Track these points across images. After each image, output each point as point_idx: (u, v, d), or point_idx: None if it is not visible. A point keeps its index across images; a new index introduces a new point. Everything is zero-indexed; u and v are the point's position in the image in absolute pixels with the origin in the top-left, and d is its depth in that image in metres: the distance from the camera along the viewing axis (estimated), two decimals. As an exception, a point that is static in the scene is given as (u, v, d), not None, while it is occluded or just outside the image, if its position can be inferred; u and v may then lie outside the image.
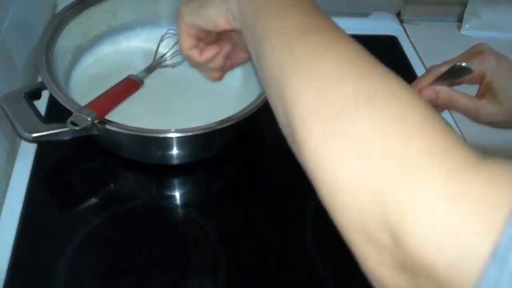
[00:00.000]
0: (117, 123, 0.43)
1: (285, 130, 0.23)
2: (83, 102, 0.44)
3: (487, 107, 0.34)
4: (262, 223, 0.49)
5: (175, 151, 0.49)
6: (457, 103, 0.35)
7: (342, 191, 0.19)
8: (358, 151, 0.18)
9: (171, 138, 0.45)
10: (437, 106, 0.36)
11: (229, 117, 0.45)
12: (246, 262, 0.45)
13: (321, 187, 0.21)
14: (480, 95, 0.35)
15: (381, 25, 0.75)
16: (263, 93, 0.48)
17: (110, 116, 0.45)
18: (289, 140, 0.23)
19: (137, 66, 0.56)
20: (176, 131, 0.44)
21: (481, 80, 0.35)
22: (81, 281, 0.42)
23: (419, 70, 0.69)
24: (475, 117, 0.34)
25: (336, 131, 0.19)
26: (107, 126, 0.43)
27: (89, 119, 0.41)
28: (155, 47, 0.58)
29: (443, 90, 0.35)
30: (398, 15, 0.79)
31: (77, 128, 0.40)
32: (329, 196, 0.21)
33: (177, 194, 0.50)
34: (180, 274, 0.44)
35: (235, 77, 0.57)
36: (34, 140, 0.41)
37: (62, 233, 0.45)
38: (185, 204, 0.49)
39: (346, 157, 0.19)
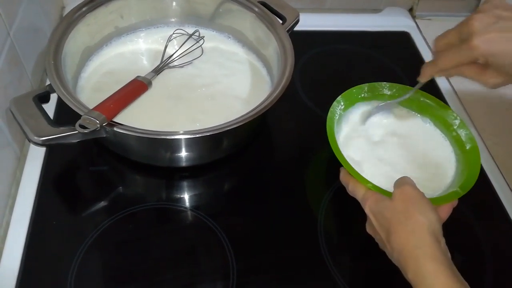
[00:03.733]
0: (126, 126, 0.43)
1: None
2: (91, 104, 0.44)
3: (490, 80, 0.38)
4: (273, 225, 0.48)
5: (183, 153, 0.48)
6: (465, 76, 0.39)
7: None
8: None
9: (179, 140, 0.45)
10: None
11: (237, 118, 0.45)
12: (258, 266, 0.44)
13: None
14: (484, 67, 0.38)
15: (393, 21, 0.74)
16: (271, 94, 0.47)
17: (118, 118, 0.45)
18: None
19: (145, 67, 0.56)
20: (185, 132, 0.43)
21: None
22: (91, 285, 0.42)
23: (432, 66, 0.68)
24: (483, 85, 0.38)
25: None
26: (116, 129, 0.42)
27: (97, 121, 0.41)
28: (162, 48, 0.57)
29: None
30: (411, 10, 0.77)
31: (86, 131, 0.40)
32: None
33: (186, 197, 0.50)
34: (191, 278, 0.43)
35: (244, 79, 0.57)
36: (43, 143, 0.41)
37: (72, 236, 0.45)
38: (195, 206, 0.48)
39: None
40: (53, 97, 0.48)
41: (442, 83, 0.66)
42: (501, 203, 0.52)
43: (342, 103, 0.48)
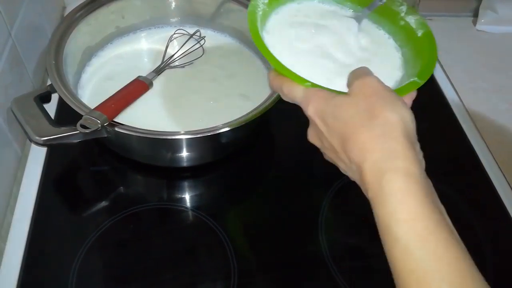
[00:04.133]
0: (127, 126, 0.43)
1: None
2: (92, 104, 0.44)
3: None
4: (274, 225, 0.48)
5: (184, 153, 0.48)
6: None
7: None
8: None
9: (180, 140, 0.45)
10: None
11: (238, 118, 0.45)
12: (259, 266, 0.44)
13: None
14: None
15: (393, 21, 0.74)
16: (272, 94, 0.47)
17: (119, 118, 0.45)
18: None
19: (146, 67, 0.56)
20: (186, 133, 0.43)
21: None
22: (92, 285, 0.42)
23: (433, 66, 0.68)
24: None
25: None
26: (117, 129, 0.42)
27: (99, 121, 0.41)
28: (163, 48, 0.57)
29: None
30: (411, 10, 0.77)
31: (87, 131, 0.40)
32: None
33: (187, 197, 0.50)
34: (192, 278, 0.43)
35: (245, 79, 0.57)
36: (44, 143, 0.41)
37: (73, 237, 0.45)
38: (196, 206, 0.48)
39: None
40: (54, 97, 0.48)
41: (445, 88, 0.66)
42: (502, 203, 0.52)
43: None
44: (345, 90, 0.32)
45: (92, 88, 0.53)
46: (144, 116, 0.50)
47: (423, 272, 0.22)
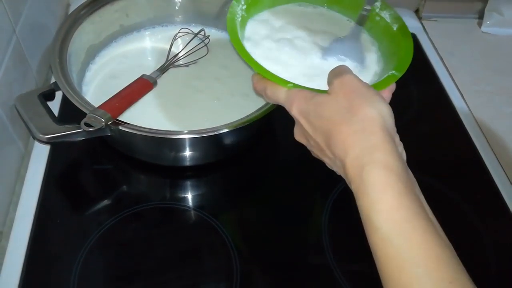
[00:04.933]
0: (131, 124, 0.43)
1: None
2: (96, 102, 0.44)
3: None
4: (277, 226, 0.48)
5: (188, 152, 0.48)
6: None
7: None
8: None
9: (184, 139, 0.45)
10: None
11: (242, 119, 0.44)
12: (262, 267, 0.44)
13: None
14: None
15: (398, 22, 0.73)
16: None
17: (122, 117, 0.45)
18: None
19: (150, 66, 0.56)
20: (189, 132, 0.43)
21: None
22: (94, 283, 0.42)
23: (438, 68, 0.67)
24: None
25: None
26: (121, 127, 0.42)
27: (103, 120, 0.40)
28: (167, 47, 0.57)
29: None
30: (417, 11, 0.77)
31: (91, 129, 0.40)
32: None
33: (190, 196, 0.49)
34: (194, 278, 0.43)
35: (249, 78, 0.56)
36: (48, 141, 0.41)
37: (76, 235, 0.45)
38: (199, 206, 0.48)
39: None
40: (58, 95, 0.48)
41: (454, 97, 0.65)
42: (506, 206, 0.51)
43: (243, 2, 0.40)
44: (325, 88, 0.33)
45: (96, 87, 0.53)
46: (148, 115, 0.49)
47: (402, 259, 0.23)
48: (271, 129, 0.57)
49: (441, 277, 0.22)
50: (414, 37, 0.72)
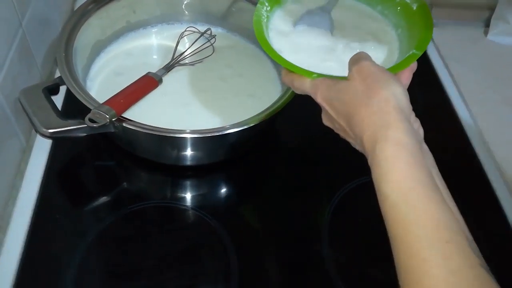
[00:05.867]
0: (135, 122, 0.42)
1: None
2: (99, 97, 0.44)
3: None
4: (277, 229, 0.47)
5: (189, 152, 0.48)
6: None
7: None
8: None
9: (187, 138, 0.45)
10: None
11: (246, 120, 0.44)
12: (260, 269, 0.44)
13: None
14: None
15: (405, 28, 0.73)
16: (280, 98, 0.47)
17: (126, 114, 0.45)
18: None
19: (155, 63, 0.55)
20: (192, 132, 0.43)
21: None
22: (91, 280, 0.42)
23: (443, 74, 0.67)
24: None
25: None
26: (125, 124, 0.42)
27: (107, 116, 0.40)
28: (173, 45, 0.57)
29: None
30: (423, 18, 0.76)
31: (95, 125, 0.40)
32: None
33: (191, 196, 0.49)
34: (192, 279, 0.43)
35: (255, 79, 0.56)
36: (51, 136, 0.41)
37: (74, 231, 0.45)
38: (199, 206, 0.48)
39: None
40: (61, 89, 0.48)
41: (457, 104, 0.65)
42: (504, 214, 0.51)
43: (266, 4, 0.43)
44: (341, 71, 0.36)
45: (100, 82, 0.53)
46: (152, 113, 0.49)
47: (407, 222, 0.26)
48: (273, 131, 0.57)
49: (438, 237, 0.25)
50: (420, 43, 0.72)
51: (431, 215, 0.26)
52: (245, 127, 0.44)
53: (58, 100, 0.53)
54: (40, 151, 0.49)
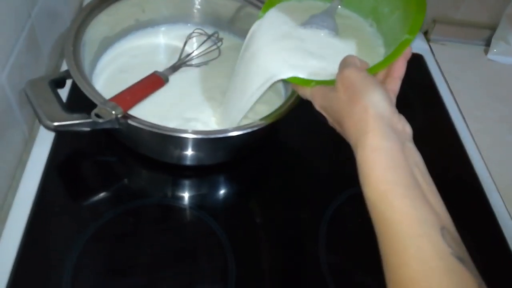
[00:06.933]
0: (140, 119, 0.43)
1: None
2: (104, 93, 0.44)
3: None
4: (275, 232, 0.48)
5: (190, 152, 0.48)
6: None
7: None
8: None
9: (190, 139, 0.45)
10: None
11: (248, 124, 0.45)
12: (257, 272, 0.44)
13: None
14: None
15: (407, 42, 0.74)
16: (284, 103, 0.47)
17: (131, 111, 0.45)
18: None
19: (161, 63, 0.56)
20: (195, 132, 0.43)
21: None
22: (88, 276, 0.42)
23: (443, 90, 0.68)
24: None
25: None
26: (130, 121, 0.42)
27: (113, 112, 0.40)
28: (180, 46, 0.57)
29: None
30: (426, 33, 0.78)
31: (101, 120, 0.40)
32: None
33: (191, 196, 0.49)
34: (189, 278, 0.43)
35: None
36: (55, 128, 0.41)
37: (73, 225, 0.45)
38: (199, 206, 0.48)
39: None
40: (67, 83, 0.48)
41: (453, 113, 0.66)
42: (501, 230, 0.52)
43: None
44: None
45: (106, 78, 0.53)
46: (155, 111, 0.49)
47: (385, 220, 0.29)
48: (275, 135, 0.57)
49: (412, 232, 0.27)
50: (421, 58, 0.73)
51: (406, 211, 0.28)
52: (248, 130, 0.44)
53: (63, 93, 0.53)
54: (43, 144, 0.49)
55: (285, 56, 0.42)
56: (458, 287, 0.25)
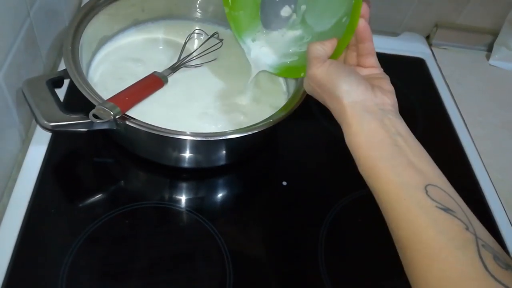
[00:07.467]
0: (138, 120, 0.42)
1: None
2: (98, 88, 0.43)
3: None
4: (273, 238, 0.47)
5: (188, 154, 0.48)
6: None
7: None
8: None
9: (188, 141, 0.44)
10: None
11: (248, 127, 0.44)
12: (256, 275, 0.44)
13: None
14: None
15: (409, 46, 0.74)
16: (285, 107, 0.47)
17: (129, 112, 0.44)
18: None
19: (160, 62, 0.55)
20: (193, 134, 0.43)
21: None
22: (83, 278, 0.41)
23: (444, 94, 0.68)
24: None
25: None
26: (128, 122, 0.41)
27: (111, 113, 0.40)
28: (180, 46, 0.57)
29: None
30: (428, 38, 0.77)
31: (99, 121, 0.39)
32: None
33: (189, 199, 0.49)
34: (186, 282, 0.42)
35: (261, 84, 0.56)
36: (52, 129, 0.40)
37: (69, 227, 0.44)
38: (197, 210, 0.47)
39: None
40: (64, 82, 0.47)
41: (454, 115, 0.66)
42: (501, 237, 0.51)
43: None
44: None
45: (102, 73, 0.52)
46: (153, 112, 0.49)
47: (377, 191, 0.32)
48: (275, 139, 0.57)
49: (397, 198, 0.30)
50: (422, 62, 0.73)
51: (390, 180, 0.31)
52: (249, 133, 0.44)
53: (61, 93, 0.53)
54: (39, 144, 0.49)
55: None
56: (444, 233, 0.28)
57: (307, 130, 0.59)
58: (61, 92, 0.53)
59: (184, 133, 0.42)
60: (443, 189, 0.30)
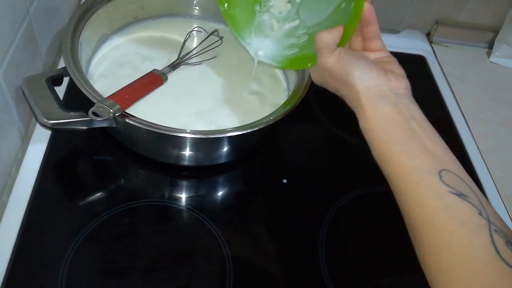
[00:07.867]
0: (138, 118, 0.42)
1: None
2: (98, 86, 0.43)
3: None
4: (274, 235, 0.47)
5: (188, 152, 0.47)
6: None
7: None
8: None
9: (188, 138, 0.44)
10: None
11: (249, 124, 0.44)
12: (255, 276, 0.44)
13: None
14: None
15: (410, 43, 0.74)
16: (285, 104, 0.47)
17: (128, 109, 0.44)
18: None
19: (160, 59, 0.55)
20: (193, 132, 0.42)
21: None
22: (83, 276, 0.41)
23: (445, 92, 0.68)
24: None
25: None
26: (127, 120, 0.41)
27: (111, 111, 0.40)
28: (180, 43, 0.57)
29: None
30: (428, 35, 0.77)
31: (98, 119, 0.39)
32: None
33: (189, 197, 0.49)
34: (187, 281, 0.42)
35: (261, 81, 0.56)
36: (52, 127, 0.40)
37: (69, 225, 0.44)
38: (197, 208, 0.47)
39: None
40: (64, 80, 0.47)
41: (455, 115, 0.66)
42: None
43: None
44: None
45: (102, 71, 0.52)
46: (153, 110, 0.49)
47: (391, 175, 0.32)
48: (275, 137, 0.57)
49: (411, 182, 0.30)
50: (423, 59, 0.73)
51: (403, 165, 0.31)
52: (249, 130, 0.44)
53: (60, 91, 0.52)
54: (39, 142, 0.49)
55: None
56: (456, 218, 0.27)
57: (307, 128, 0.59)
58: (60, 90, 0.53)
59: (184, 131, 0.42)
60: (457, 174, 0.30)
